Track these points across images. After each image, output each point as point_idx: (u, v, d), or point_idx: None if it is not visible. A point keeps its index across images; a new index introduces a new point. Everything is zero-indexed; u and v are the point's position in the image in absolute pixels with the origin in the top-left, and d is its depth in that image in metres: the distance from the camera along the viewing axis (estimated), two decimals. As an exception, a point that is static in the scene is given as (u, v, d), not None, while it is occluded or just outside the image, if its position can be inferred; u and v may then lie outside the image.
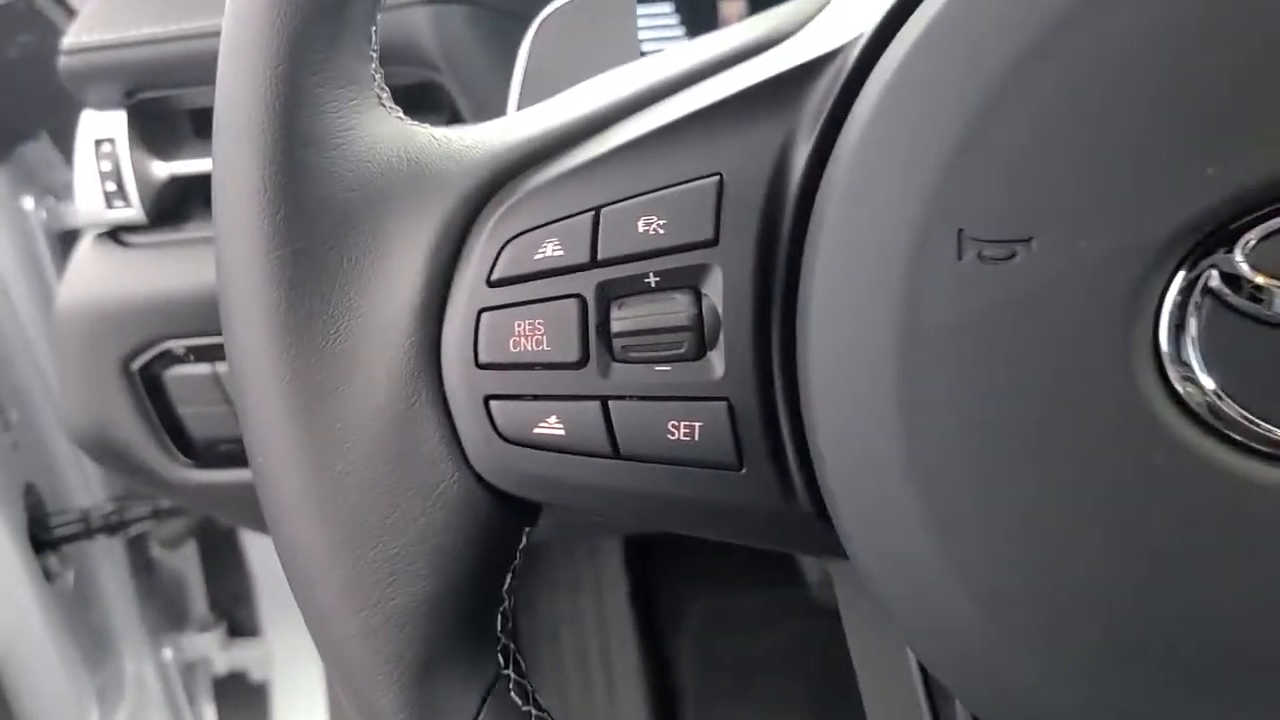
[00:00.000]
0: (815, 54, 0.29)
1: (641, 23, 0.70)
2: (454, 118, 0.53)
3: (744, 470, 0.29)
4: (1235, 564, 0.24)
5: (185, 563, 1.18)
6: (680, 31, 0.58)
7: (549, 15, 0.37)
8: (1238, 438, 0.24)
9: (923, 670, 0.33)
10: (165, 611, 1.16)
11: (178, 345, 0.56)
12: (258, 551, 1.13)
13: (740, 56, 0.30)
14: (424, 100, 0.54)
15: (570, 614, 1.28)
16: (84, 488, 1.02)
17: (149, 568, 1.12)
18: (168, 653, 1.15)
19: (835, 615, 0.35)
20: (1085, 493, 0.25)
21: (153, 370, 0.58)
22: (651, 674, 1.23)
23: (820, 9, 0.31)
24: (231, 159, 0.29)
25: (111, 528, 0.96)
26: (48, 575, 0.96)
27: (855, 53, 0.28)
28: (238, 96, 0.29)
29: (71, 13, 0.79)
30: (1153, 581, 0.25)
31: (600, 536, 1.17)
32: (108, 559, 1.06)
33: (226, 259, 0.29)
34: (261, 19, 0.28)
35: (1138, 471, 0.24)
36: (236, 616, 1.21)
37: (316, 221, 0.29)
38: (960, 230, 0.25)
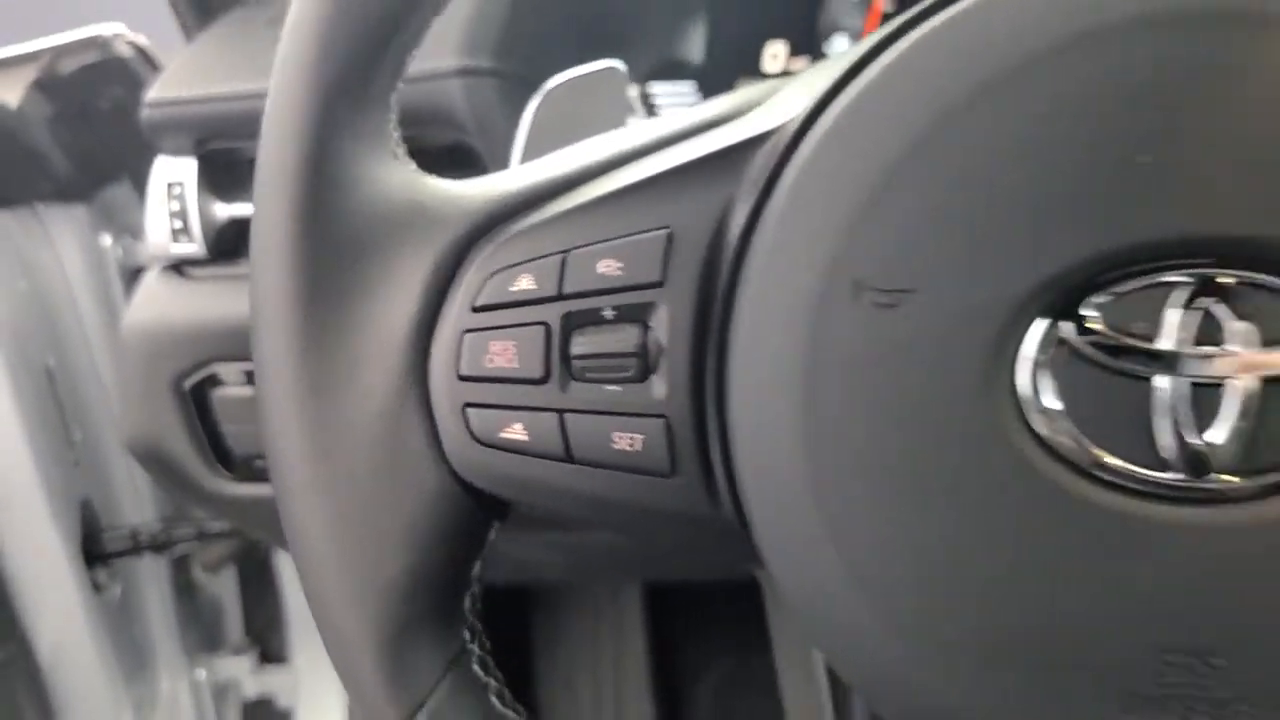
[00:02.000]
0: (756, 132, 0.33)
1: (665, 99, 0.76)
2: (485, 174, 0.59)
3: (676, 478, 0.33)
4: (1085, 575, 0.28)
5: (224, 587, 1.22)
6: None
7: (551, 89, 0.43)
8: (1086, 468, 0.28)
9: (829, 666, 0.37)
10: (202, 632, 1.20)
11: (225, 368, 0.62)
12: (292, 581, 1.16)
13: (695, 131, 0.35)
14: (458, 158, 0.59)
15: (588, 662, 1.29)
16: (135, 507, 1.07)
17: (190, 589, 1.17)
18: (201, 673, 1.18)
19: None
20: (959, 515, 0.29)
21: (201, 390, 0.63)
22: (666, 730, 1.22)
23: (767, 96, 0.36)
24: (269, 198, 0.34)
25: (158, 546, 1.00)
26: (96, 587, 1.01)
27: (789, 132, 0.32)
28: (277, 149, 0.33)
29: (156, 68, 0.87)
30: (1018, 594, 0.28)
31: (621, 583, 1.19)
32: (153, 577, 1.10)
33: (259, 279, 0.34)
34: (300, 92, 0.33)
35: (1002, 497, 0.28)
36: (269, 643, 1.25)
37: (334, 251, 0.33)
38: (854, 280, 0.29)
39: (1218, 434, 0.27)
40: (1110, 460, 0.28)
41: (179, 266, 0.66)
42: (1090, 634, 0.28)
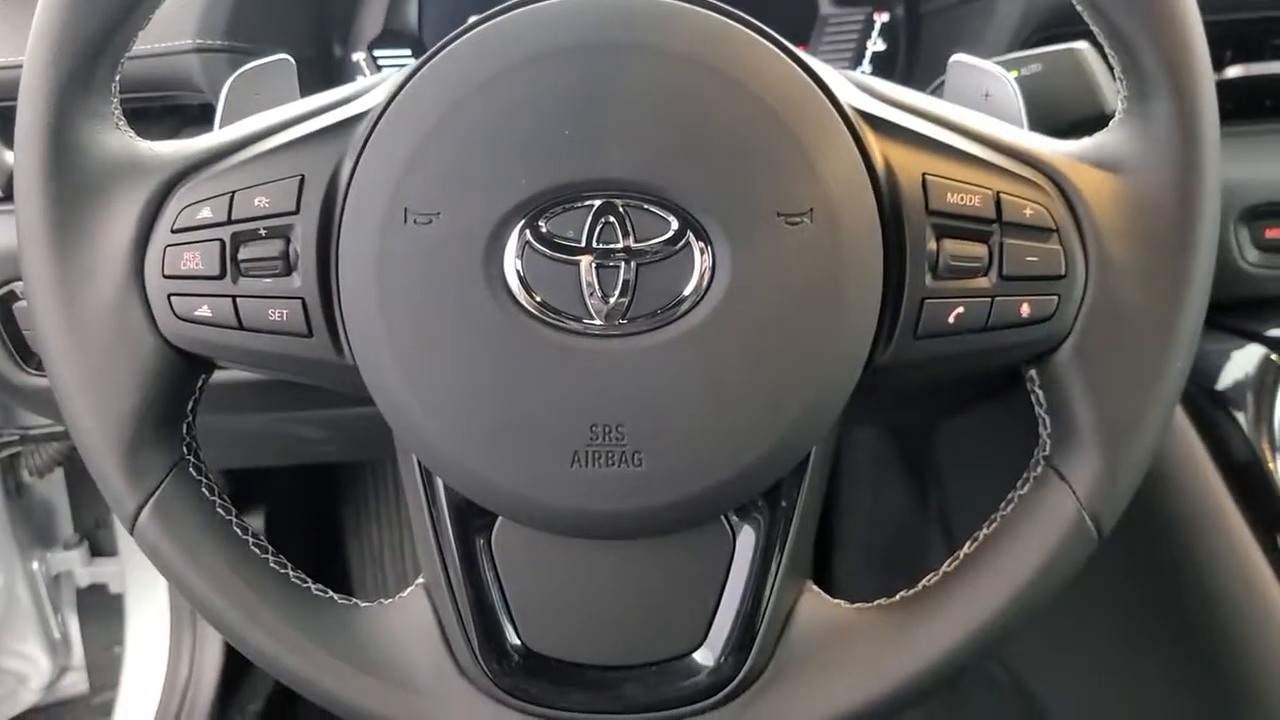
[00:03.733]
0: (360, 110, 0.46)
1: (387, 61, 0.91)
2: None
3: (313, 338, 0.46)
4: (544, 382, 0.43)
5: (53, 489, 1.32)
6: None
7: (240, 73, 0.58)
8: (544, 317, 0.43)
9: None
10: (35, 531, 1.29)
11: (20, 285, 0.71)
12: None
13: (324, 109, 0.47)
14: (205, 116, 0.71)
15: (393, 539, 1.40)
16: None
17: (20, 491, 1.26)
18: (36, 566, 1.28)
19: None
20: (474, 349, 0.43)
21: (6, 303, 0.73)
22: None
23: (380, 83, 0.47)
24: (22, 158, 0.45)
25: (-16, 451, 1.12)
26: (-73, 489, 1.10)
27: (379, 110, 0.45)
28: (26, 125, 0.45)
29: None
30: (506, 396, 0.43)
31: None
32: (-18, 480, 1.19)
33: (21, 217, 0.46)
34: (39, 81, 0.44)
35: (497, 338, 0.42)
36: (97, 538, 1.35)
37: (72, 195, 0.45)
38: (405, 208, 0.43)
39: (615, 295, 0.43)
40: (558, 314, 0.43)
41: (-20, 202, 0.74)
42: (548, 417, 0.43)
